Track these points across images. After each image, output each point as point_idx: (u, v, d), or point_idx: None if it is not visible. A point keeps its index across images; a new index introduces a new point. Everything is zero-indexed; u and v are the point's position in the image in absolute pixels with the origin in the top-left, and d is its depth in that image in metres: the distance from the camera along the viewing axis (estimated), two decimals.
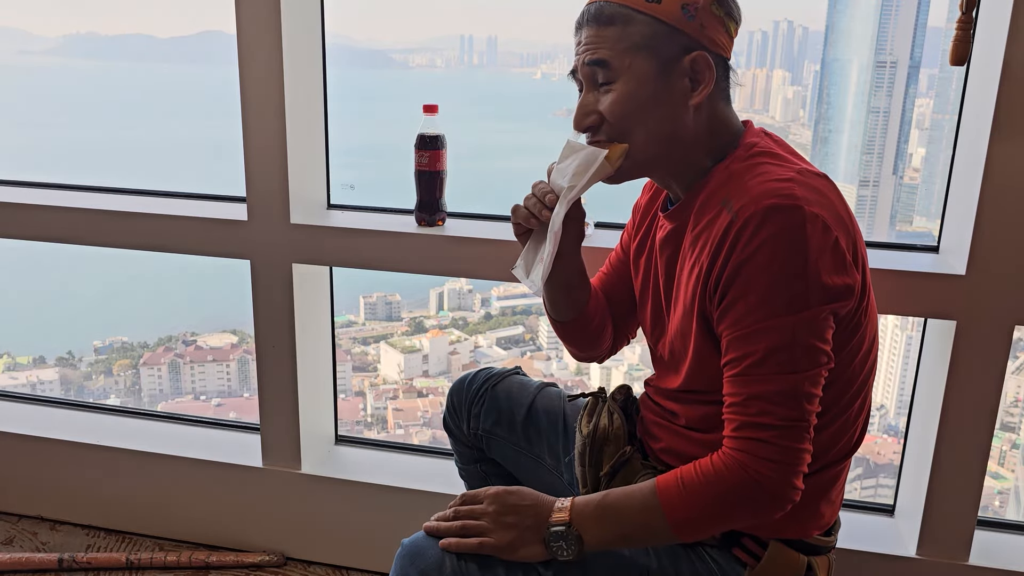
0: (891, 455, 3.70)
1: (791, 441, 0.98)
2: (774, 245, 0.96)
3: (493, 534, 1.07)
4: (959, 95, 1.55)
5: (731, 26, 1.10)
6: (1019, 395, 3.85)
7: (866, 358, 1.10)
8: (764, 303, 0.97)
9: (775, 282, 0.96)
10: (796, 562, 1.13)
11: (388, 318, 4.86)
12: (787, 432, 0.97)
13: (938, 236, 1.61)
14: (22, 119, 5.73)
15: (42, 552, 1.94)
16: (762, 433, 0.98)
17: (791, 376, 0.97)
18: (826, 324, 0.99)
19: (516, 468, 1.46)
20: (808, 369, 0.98)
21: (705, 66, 1.06)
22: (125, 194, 1.97)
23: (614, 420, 1.23)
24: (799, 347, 0.97)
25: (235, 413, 4.36)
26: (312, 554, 1.92)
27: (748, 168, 1.05)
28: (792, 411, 0.97)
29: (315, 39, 1.76)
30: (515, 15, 9.29)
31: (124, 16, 9.32)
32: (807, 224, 0.96)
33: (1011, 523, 1.76)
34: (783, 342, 0.96)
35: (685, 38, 1.06)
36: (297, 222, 1.73)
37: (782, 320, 0.96)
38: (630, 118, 1.08)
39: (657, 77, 1.06)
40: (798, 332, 0.96)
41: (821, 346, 0.98)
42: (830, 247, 0.97)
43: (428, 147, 1.64)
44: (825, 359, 0.99)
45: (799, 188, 0.99)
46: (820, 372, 0.99)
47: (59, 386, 4.60)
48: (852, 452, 1.16)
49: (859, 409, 1.13)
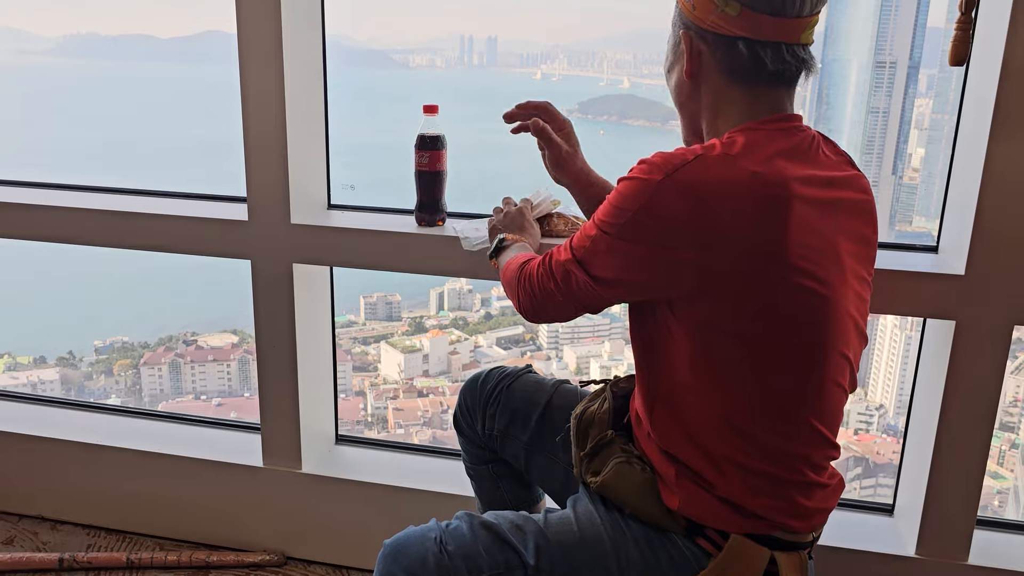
0: (890, 455, 3.71)
1: (541, 281, 1.21)
2: (626, 184, 1.09)
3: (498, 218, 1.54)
4: (958, 95, 1.55)
5: (730, 6, 1.10)
6: (1018, 395, 3.85)
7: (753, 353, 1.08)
8: (601, 212, 1.12)
9: (612, 206, 1.10)
10: (758, 555, 1.13)
11: (388, 318, 4.86)
12: (543, 275, 1.20)
13: (937, 236, 1.61)
14: (22, 119, 5.73)
15: (43, 552, 1.94)
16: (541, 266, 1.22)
17: (568, 253, 1.16)
18: (613, 254, 1.10)
19: (528, 467, 1.47)
20: (579, 260, 1.14)
21: (688, 44, 1.15)
22: (125, 194, 1.97)
23: (603, 405, 1.27)
24: (587, 247, 1.13)
25: (235, 413, 4.36)
26: (312, 554, 1.92)
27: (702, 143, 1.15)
28: (554, 268, 1.18)
29: (315, 39, 1.77)
30: (515, 15, 9.28)
31: (124, 16, 9.31)
32: (655, 189, 1.05)
33: (1010, 523, 1.76)
34: (588, 235, 1.13)
35: (683, 18, 1.17)
36: (297, 222, 1.73)
37: (594, 227, 1.12)
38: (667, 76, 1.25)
39: (672, 50, 1.21)
40: (596, 240, 1.12)
41: (600, 261, 1.12)
42: (660, 214, 1.05)
43: (428, 147, 1.64)
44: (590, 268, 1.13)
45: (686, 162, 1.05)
46: (579, 272, 1.14)
47: (60, 386, 4.60)
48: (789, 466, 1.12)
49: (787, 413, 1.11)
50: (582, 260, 1.14)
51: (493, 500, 1.55)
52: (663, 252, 1.06)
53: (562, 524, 1.18)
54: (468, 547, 1.13)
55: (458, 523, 1.17)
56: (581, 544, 1.16)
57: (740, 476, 1.11)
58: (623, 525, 1.17)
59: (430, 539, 1.14)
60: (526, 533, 1.16)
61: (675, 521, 1.15)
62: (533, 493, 1.56)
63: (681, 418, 1.13)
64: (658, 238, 1.06)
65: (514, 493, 1.54)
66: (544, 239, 1.60)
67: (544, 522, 1.18)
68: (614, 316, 4.43)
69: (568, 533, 1.17)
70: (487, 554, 1.12)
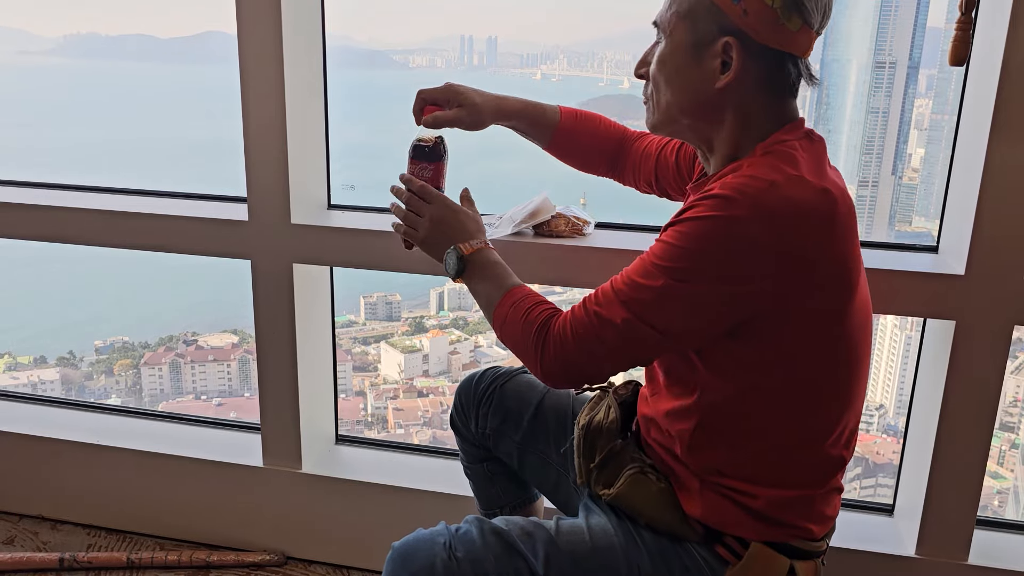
0: (890, 455, 3.70)
1: (581, 345, 1.09)
2: (700, 224, 1.01)
3: (420, 228, 1.32)
4: (958, 95, 1.55)
5: (792, 21, 1.04)
6: (1018, 395, 3.85)
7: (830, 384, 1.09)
8: (663, 255, 1.04)
9: (681, 248, 1.02)
10: (777, 564, 1.13)
11: (388, 318, 4.86)
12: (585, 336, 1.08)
13: (937, 236, 1.61)
14: (22, 119, 5.73)
15: (43, 552, 1.94)
16: (575, 320, 1.09)
17: (626, 311, 1.05)
18: (693, 306, 1.03)
19: (522, 466, 1.47)
20: (643, 320, 1.04)
21: (735, 53, 1.06)
22: (125, 194, 1.97)
23: (609, 414, 1.25)
24: (654, 302, 1.04)
25: (236, 413, 4.36)
26: (312, 554, 1.92)
27: (754, 163, 1.05)
28: (603, 331, 1.07)
29: (315, 39, 1.77)
30: (515, 15, 9.29)
31: (124, 16, 9.31)
32: (737, 226, 0.99)
33: (1010, 523, 1.76)
34: (648, 286, 1.04)
35: (724, 19, 1.06)
36: (297, 222, 1.73)
37: (661, 276, 1.03)
38: (661, 80, 1.14)
39: (689, 49, 1.09)
40: (664, 292, 1.03)
41: (672, 317, 1.04)
42: (743, 252, 1.00)
43: (427, 158, 1.37)
44: (665, 329, 1.05)
45: (768, 194, 0.99)
46: (648, 332, 1.05)
47: (60, 386, 4.60)
48: (826, 481, 1.14)
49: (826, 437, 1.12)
50: (643, 314, 1.04)
51: (489, 498, 1.55)
52: (746, 286, 1.01)
53: (573, 532, 1.17)
54: (477, 553, 1.11)
55: (468, 528, 1.14)
56: (592, 553, 1.14)
57: (778, 490, 1.11)
58: (635, 534, 1.16)
59: (439, 544, 1.11)
60: (536, 541, 1.14)
61: (692, 529, 1.14)
62: (528, 492, 1.56)
63: (726, 438, 1.11)
64: (744, 272, 1.01)
65: (509, 491, 1.54)
66: (544, 239, 1.60)
67: (555, 530, 1.16)
68: None
69: (579, 542, 1.15)
70: (496, 561, 1.10)
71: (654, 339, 1.06)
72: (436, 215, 1.31)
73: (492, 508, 1.55)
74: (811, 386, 1.09)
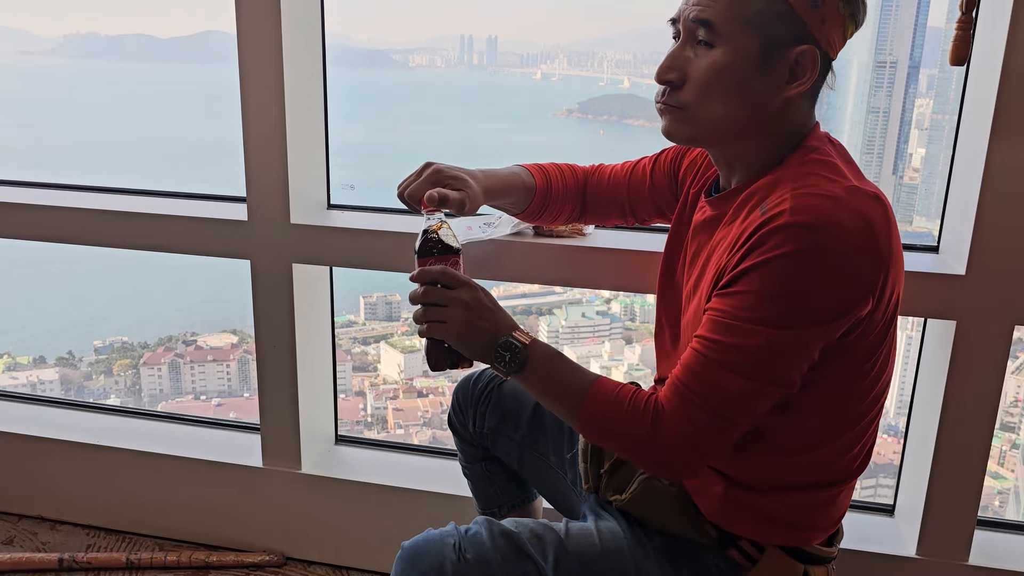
0: (891, 455, 3.70)
1: (706, 431, 0.99)
2: (790, 261, 0.94)
3: (451, 321, 1.11)
4: (959, 95, 1.55)
5: (849, 28, 1.03)
6: (1019, 395, 3.85)
7: (874, 385, 1.09)
8: (755, 306, 0.96)
9: (775, 294, 0.95)
10: (792, 569, 1.13)
11: (388, 318, 4.85)
12: (708, 422, 0.99)
13: (938, 236, 1.61)
14: (22, 119, 5.73)
15: (42, 552, 1.94)
16: (689, 408, 0.99)
17: (740, 379, 0.97)
18: (804, 347, 0.97)
19: (521, 466, 1.47)
20: (761, 380, 0.97)
21: (811, 62, 1.01)
22: (125, 194, 1.97)
23: None
24: (764, 358, 0.97)
25: (235, 413, 4.35)
26: (312, 554, 1.92)
27: (798, 175, 1.01)
28: (723, 408, 0.98)
29: (315, 39, 1.76)
30: (515, 15, 9.29)
31: (124, 16, 9.31)
32: (829, 252, 0.94)
33: (1011, 523, 1.76)
34: (752, 346, 0.96)
35: (802, 27, 1.00)
36: (297, 222, 1.73)
37: (763, 329, 0.96)
38: (715, 90, 1.03)
39: (758, 58, 1.01)
40: (771, 345, 0.96)
41: (787, 366, 0.98)
42: (844, 277, 0.95)
43: (439, 252, 1.17)
44: (784, 381, 0.98)
45: (840, 210, 0.95)
46: (771, 391, 0.99)
47: (59, 386, 4.60)
48: (852, 477, 1.15)
49: (863, 434, 1.12)
50: (772, 378, 0.97)
51: (488, 498, 1.55)
52: (851, 312, 0.97)
53: (583, 536, 1.16)
54: (487, 555, 1.10)
55: (477, 529, 1.13)
56: (602, 557, 1.13)
57: (805, 493, 1.11)
58: (645, 538, 1.16)
59: (448, 545, 1.10)
60: (546, 543, 1.13)
61: (706, 533, 1.14)
62: (527, 491, 1.56)
63: (760, 448, 1.09)
64: (846, 303, 0.96)
65: (507, 491, 1.54)
66: (544, 239, 1.60)
67: (565, 533, 1.16)
68: (614, 316, 4.43)
69: (589, 546, 1.15)
70: (505, 563, 1.09)
71: (777, 391, 0.99)
72: (469, 300, 1.12)
73: (490, 508, 1.55)
74: (863, 391, 1.08)
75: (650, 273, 1.55)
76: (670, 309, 1.26)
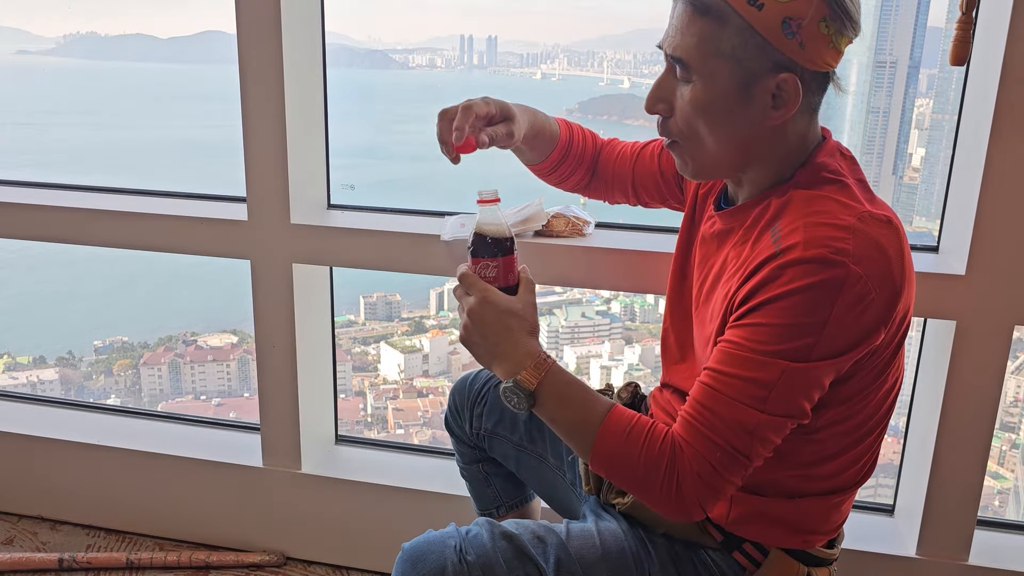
0: (891, 455, 3.70)
1: (724, 469, 0.97)
2: (805, 295, 0.93)
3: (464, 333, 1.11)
4: (959, 95, 1.55)
5: (841, 41, 1.00)
6: (1019, 395, 3.85)
7: (885, 399, 1.09)
8: (770, 339, 0.95)
9: (790, 327, 0.94)
10: (795, 571, 1.13)
11: (388, 318, 4.85)
12: (725, 459, 0.97)
13: (938, 236, 1.61)
14: (22, 119, 5.73)
15: (42, 552, 1.94)
16: (705, 447, 0.97)
17: (756, 413, 0.96)
18: (818, 379, 0.97)
19: (518, 467, 1.47)
20: (777, 414, 0.96)
21: (792, 90, 0.99)
22: (125, 194, 1.97)
23: None
24: (780, 391, 0.95)
25: (235, 413, 4.35)
26: (312, 554, 1.92)
27: (810, 199, 1.00)
28: (740, 443, 0.96)
29: (315, 39, 1.76)
30: (515, 15, 9.28)
31: (124, 16, 9.31)
32: (845, 286, 0.93)
33: (1011, 523, 1.76)
34: (767, 380, 0.95)
35: (778, 55, 0.98)
36: (297, 222, 1.73)
37: (777, 361, 0.94)
38: (699, 122, 1.04)
39: (737, 90, 1.00)
40: (786, 378, 0.95)
41: (801, 399, 0.97)
42: (859, 310, 0.94)
43: (489, 253, 1.13)
44: (799, 413, 0.97)
45: (854, 241, 0.94)
46: (787, 423, 0.97)
47: (59, 386, 4.60)
48: (860, 483, 1.15)
49: (872, 444, 1.12)
50: (787, 411, 0.96)
51: (485, 499, 1.55)
52: (863, 345, 0.97)
53: (584, 537, 1.16)
54: (488, 557, 1.09)
55: (478, 531, 1.13)
56: (603, 560, 1.13)
57: (815, 499, 1.11)
58: (647, 540, 1.15)
59: (449, 547, 1.10)
60: (547, 545, 1.12)
61: (709, 535, 1.14)
62: (525, 492, 1.56)
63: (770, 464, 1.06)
64: (859, 335, 0.95)
65: (505, 492, 1.54)
66: (544, 239, 1.60)
67: (566, 534, 1.15)
68: (614, 316, 4.42)
69: (590, 547, 1.14)
70: (507, 565, 1.09)
71: (792, 422, 0.98)
72: (476, 313, 1.10)
73: (488, 509, 1.55)
74: (873, 408, 1.08)
75: (650, 273, 1.55)
76: (677, 313, 1.25)
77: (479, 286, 1.11)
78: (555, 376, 1.07)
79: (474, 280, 1.12)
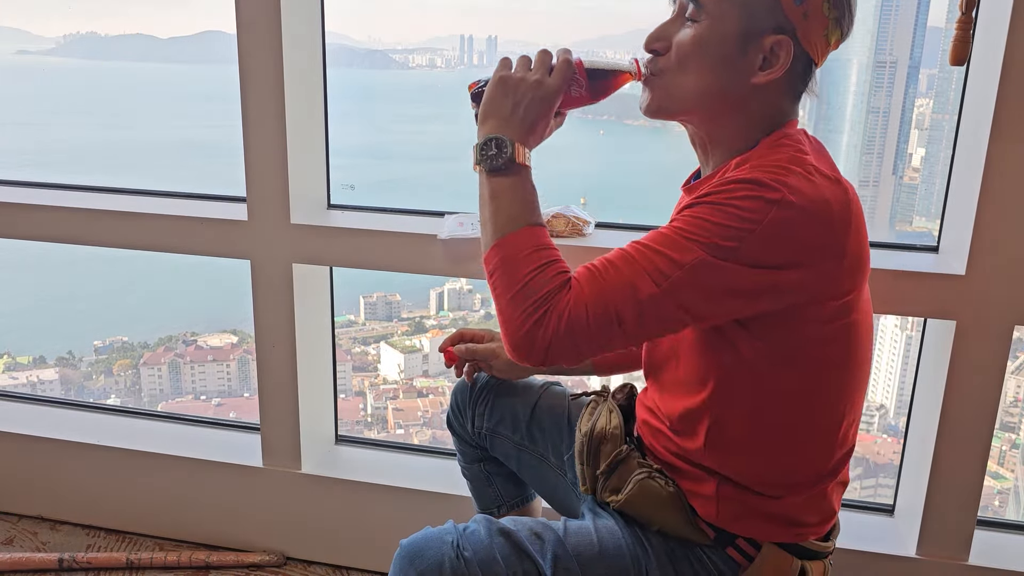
0: (891, 455, 3.70)
1: (595, 324, 0.99)
2: (742, 203, 0.97)
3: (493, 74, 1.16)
4: (959, 95, 1.55)
5: (833, 35, 1.06)
6: (1019, 395, 3.85)
7: (843, 373, 1.10)
8: (697, 230, 0.97)
9: (718, 225, 0.97)
10: (789, 565, 1.14)
11: (388, 318, 4.85)
12: (601, 317, 0.98)
13: (938, 236, 1.61)
14: (22, 119, 5.73)
15: (42, 552, 1.94)
16: (591, 297, 0.99)
17: (652, 285, 0.97)
18: (726, 285, 0.98)
19: (519, 467, 1.47)
20: (671, 296, 0.98)
21: (785, 52, 1.04)
22: (125, 194, 1.97)
23: (612, 419, 1.24)
24: (685, 276, 0.97)
25: (235, 413, 4.36)
26: (312, 554, 1.92)
27: (764, 155, 1.04)
28: (623, 307, 0.98)
29: (315, 39, 1.76)
30: (515, 15, 9.29)
31: (124, 16, 9.31)
32: (779, 205, 0.96)
33: (1011, 523, 1.76)
34: (678, 260, 0.97)
35: (783, 18, 1.03)
36: (297, 222, 1.73)
37: (695, 249, 0.97)
38: (692, 62, 1.07)
39: (736, 39, 1.05)
40: (697, 267, 0.97)
41: (702, 298, 0.98)
42: (786, 235, 0.97)
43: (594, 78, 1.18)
44: (692, 310, 0.99)
45: (796, 180, 0.98)
46: (676, 313, 0.99)
47: (59, 386, 4.60)
48: (836, 472, 1.15)
49: (835, 429, 1.12)
50: (672, 291, 0.97)
51: (487, 498, 1.55)
52: (783, 274, 0.98)
53: (581, 535, 1.16)
54: (485, 553, 1.09)
55: (476, 527, 1.13)
56: (600, 557, 1.13)
57: (792, 485, 1.12)
58: (643, 539, 1.16)
59: (447, 543, 1.10)
60: (545, 542, 1.13)
61: (703, 532, 1.14)
62: (526, 491, 1.56)
63: (742, 435, 1.10)
64: (783, 260, 0.98)
65: (506, 491, 1.54)
66: None
67: (564, 531, 1.16)
68: None
69: (587, 544, 1.14)
70: (504, 562, 1.09)
71: (676, 319, 1.00)
72: (527, 83, 1.14)
73: (489, 508, 1.55)
74: (824, 377, 1.09)
75: None
76: None
77: (565, 74, 1.14)
78: (529, 171, 1.12)
79: (565, 69, 1.14)
